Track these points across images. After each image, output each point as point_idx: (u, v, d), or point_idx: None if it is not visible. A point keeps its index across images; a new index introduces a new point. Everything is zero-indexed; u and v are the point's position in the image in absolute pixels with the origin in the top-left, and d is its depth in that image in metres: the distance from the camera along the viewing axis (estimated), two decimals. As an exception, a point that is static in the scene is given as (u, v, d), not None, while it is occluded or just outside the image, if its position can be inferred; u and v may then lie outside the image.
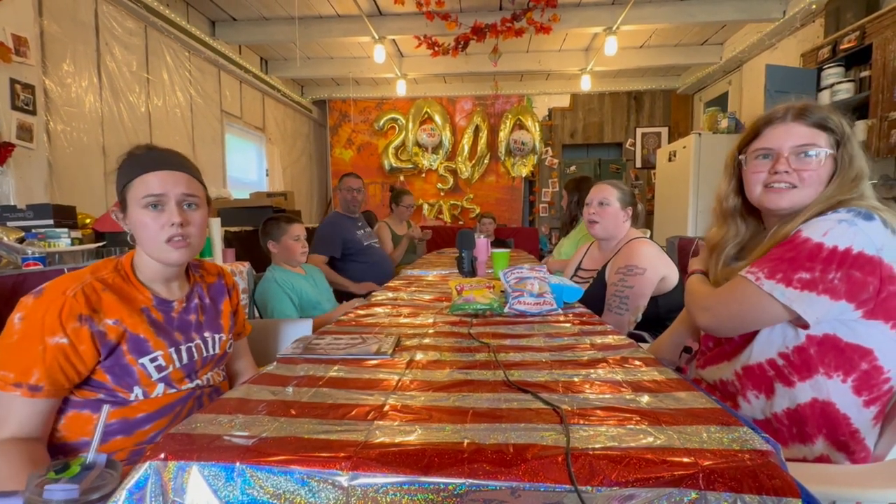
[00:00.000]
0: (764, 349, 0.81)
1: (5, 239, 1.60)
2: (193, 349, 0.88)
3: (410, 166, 5.80)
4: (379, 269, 2.69)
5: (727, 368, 0.88)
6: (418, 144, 5.68)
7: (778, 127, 0.82)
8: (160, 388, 0.82)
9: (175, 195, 0.82)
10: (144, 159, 0.82)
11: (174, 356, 0.84)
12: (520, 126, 5.59)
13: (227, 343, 0.97)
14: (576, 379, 0.71)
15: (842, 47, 2.86)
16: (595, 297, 1.57)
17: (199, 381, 0.88)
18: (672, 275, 1.53)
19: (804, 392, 0.77)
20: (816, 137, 0.79)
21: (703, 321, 0.87)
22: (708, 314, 0.85)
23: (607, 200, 1.62)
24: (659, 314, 1.52)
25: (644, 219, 1.67)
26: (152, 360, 0.81)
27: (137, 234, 0.83)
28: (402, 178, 5.85)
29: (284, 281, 1.86)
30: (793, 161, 0.80)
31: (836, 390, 0.75)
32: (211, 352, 0.92)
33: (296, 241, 1.92)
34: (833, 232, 0.71)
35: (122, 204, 0.83)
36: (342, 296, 2.45)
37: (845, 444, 0.76)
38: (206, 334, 0.91)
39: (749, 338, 0.82)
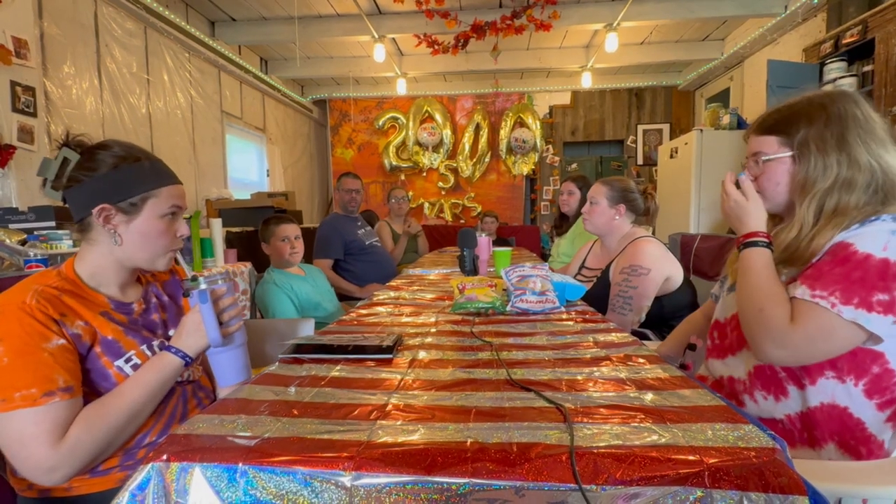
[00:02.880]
0: None
1: (7, 241, 1.61)
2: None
3: (411, 165, 5.79)
4: (381, 268, 2.69)
5: (735, 365, 0.87)
6: (419, 143, 5.68)
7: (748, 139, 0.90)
8: None
9: (184, 208, 0.89)
10: (165, 170, 0.86)
11: (148, 353, 0.83)
12: (520, 124, 5.58)
13: None
14: (579, 377, 0.71)
15: (844, 42, 2.84)
16: (599, 297, 1.56)
17: (179, 378, 0.87)
18: (677, 275, 1.52)
19: (815, 396, 0.76)
20: (764, 144, 0.84)
21: (779, 357, 0.74)
22: (786, 353, 0.73)
23: (595, 199, 1.66)
24: (663, 314, 1.51)
25: (657, 214, 1.66)
26: (127, 361, 0.79)
27: (138, 240, 0.82)
28: (402, 177, 5.84)
29: (283, 282, 1.86)
30: (751, 168, 0.87)
31: (848, 394, 0.74)
32: None
33: (283, 242, 1.92)
34: (893, 245, 0.69)
35: (131, 207, 0.82)
36: (346, 299, 2.45)
37: (857, 448, 0.75)
38: (172, 331, 0.91)
39: None
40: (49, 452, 0.67)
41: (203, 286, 0.81)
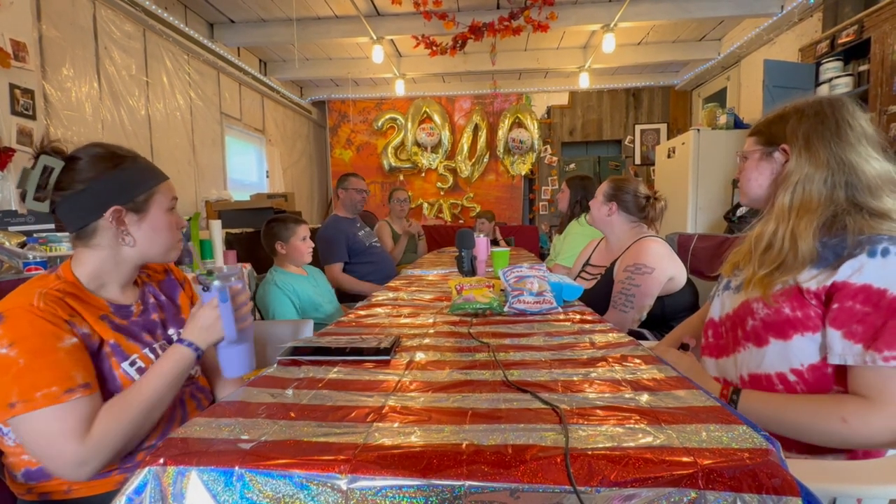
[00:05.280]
0: (776, 361, 0.79)
1: (7, 244, 1.61)
2: (167, 348, 0.87)
3: (410, 166, 5.80)
4: (381, 269, 2.69)
5: (728, 367, 0.87)
6: (418, 144, 5.68)
7: None
8: None
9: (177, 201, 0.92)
10: (155, 166, 0.89)
11: (151, 356, 0.83)
12: (518, 124, 5.59)
13: None
14: (575, 378, 0.71)
15: (840, 41, 2.85)
16: (602, 295, 1.57)
17: None
18: (680, 275, 1.52)
19: None
20: (748, 143, 0.92)
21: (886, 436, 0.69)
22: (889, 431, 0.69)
23: (597, 195, 1.71)
24: (665, 314, 1.51)
25: (662, 215, 1.65)
26: (132, 364, 0.80)
27: (152, 236, 0.85)
28: (401, 177, 5.85)
29: (285, 283, 1.86)
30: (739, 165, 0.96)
31: None
32: None
33: (303, 241, 1.93)
34: None
35: (138, 206, 0.83)
36: (345, 301, 2.44)
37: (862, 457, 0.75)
38: (171, 331, 0.91)
39: (760, 343, 0.81)
40: (77, 448, 0.68)
41: (224, 284, 0.82)
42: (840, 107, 0.81)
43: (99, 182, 0.80)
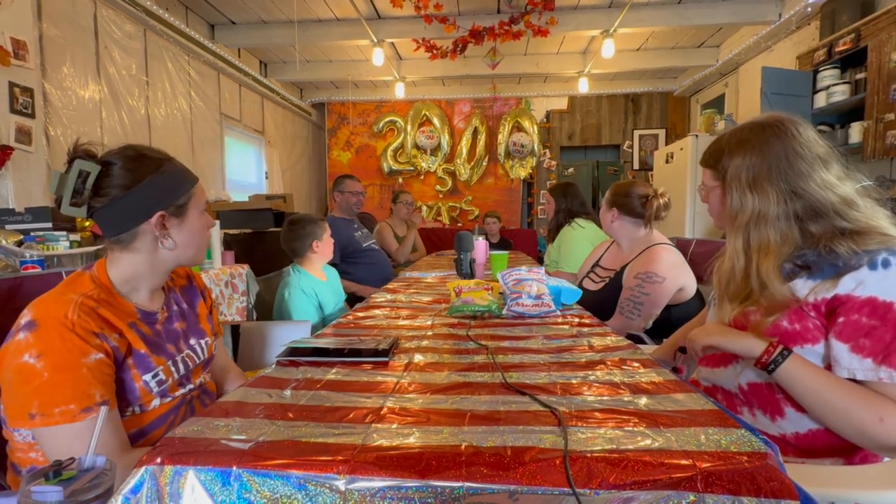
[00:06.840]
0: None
1: (3, 242, 1.60)
2: (186, 359, 0.87)
3: (409, 168, 5.81)
4: (379, 271, 2.69)
5: (725, 377, 0.86)
6: (417, 146, 5.69)
7: None
8: (156, 400, 0.81)
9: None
10: (188, 169, 0.87)
11: (172, 368, 0.83)
12: (518, 128, 5.61)
13: (213, 345, 0.97)
14: (574, 381, 0.71)
15: (837, 49, 2.87)
16: (609, 299, 1.56)
17: (191, 385, 0.88)
18: (690, 285, 1.51)
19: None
20: (704, 176, 0.92)
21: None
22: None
23: (602, 204, 1.73)
24: (671, 322, 1.50)
25: (664, 213, 1.64)
26: (154, 376, 0.79)
27: (189, 238, 0.84)
28: (400, 179, 5.86)
29: (309, 287, 1.82)
30: (701, 195, 0.96)
31: None
32: (202, 357, 0.92)
33: (330, 237, 1.93)
34: None
35: (179, 210, 0.83)
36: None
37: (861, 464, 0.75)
38: (192, 341, 0.91)
39: None
40: None
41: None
42: (788, 132, 0.77)
43: (142, 187, 0.78)
